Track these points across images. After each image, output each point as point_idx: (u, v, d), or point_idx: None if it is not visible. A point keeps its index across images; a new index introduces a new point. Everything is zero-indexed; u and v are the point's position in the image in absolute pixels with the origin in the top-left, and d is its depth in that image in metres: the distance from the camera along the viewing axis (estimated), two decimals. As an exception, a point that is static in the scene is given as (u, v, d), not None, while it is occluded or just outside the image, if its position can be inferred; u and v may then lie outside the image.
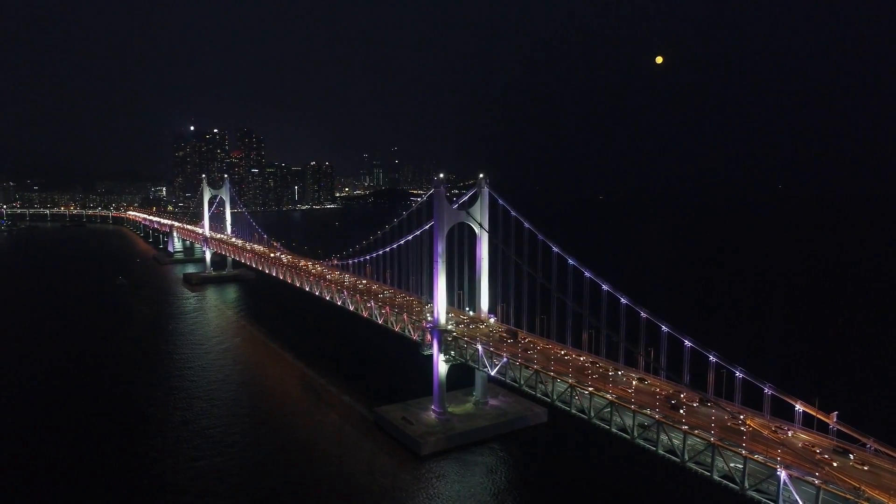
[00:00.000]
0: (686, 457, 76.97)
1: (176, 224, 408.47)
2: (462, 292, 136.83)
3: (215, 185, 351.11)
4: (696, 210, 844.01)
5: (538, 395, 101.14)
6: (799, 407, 74.37)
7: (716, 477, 73.55)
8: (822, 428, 74.09)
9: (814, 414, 73.14)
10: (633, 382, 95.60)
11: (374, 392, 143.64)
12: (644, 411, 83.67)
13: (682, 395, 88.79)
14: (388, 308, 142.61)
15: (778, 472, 66.37)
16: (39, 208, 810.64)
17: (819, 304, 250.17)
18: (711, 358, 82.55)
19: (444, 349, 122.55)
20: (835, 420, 71.81)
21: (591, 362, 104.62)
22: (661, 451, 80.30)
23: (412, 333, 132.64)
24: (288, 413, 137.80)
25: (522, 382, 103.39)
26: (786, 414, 77.46)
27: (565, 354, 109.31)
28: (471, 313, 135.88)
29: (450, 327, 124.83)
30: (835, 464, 68.11)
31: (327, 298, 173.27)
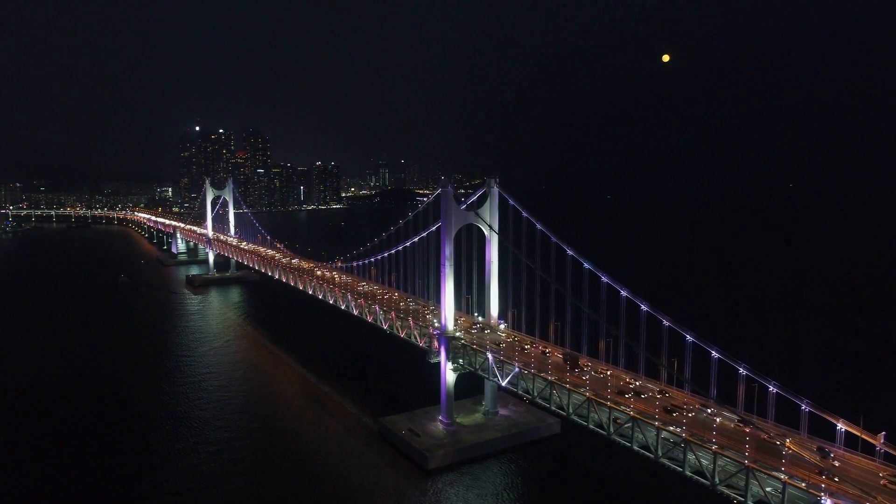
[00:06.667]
0: (716, 479, 70.76)
1: (179, 225, 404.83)
2: (470, 297, 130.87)
3: (220, 185, 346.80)
4: (705, 210, 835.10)
5: (553, 407, 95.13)
6: (841, 426, 67.90)
7: (750, 503, 67.32)
8: (868, 450, 67.67)
9: (858, 434, 66.75)
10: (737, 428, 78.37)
11: (379, 401, 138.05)
12: (669, 428, 77.61)
13: (822, 451, 70.17)
14: (393, 313, 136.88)
15: (822, 501, 60.18)
16: (45, 209, 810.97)
17: (860, 311, 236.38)
18: (741, 370, 76.27)
19: (451, 357, 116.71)
20: (882, 441, 65.45)
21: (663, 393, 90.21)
22: (688, 473, 74.14)
23: (419, 340, 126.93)
24: (290, 422, 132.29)
25: (536, 394, 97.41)
26: (827, 433, 70.99)
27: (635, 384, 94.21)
28: (480, 319, 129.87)
29: (458, 334, 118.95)
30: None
31: (331, 302, 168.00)
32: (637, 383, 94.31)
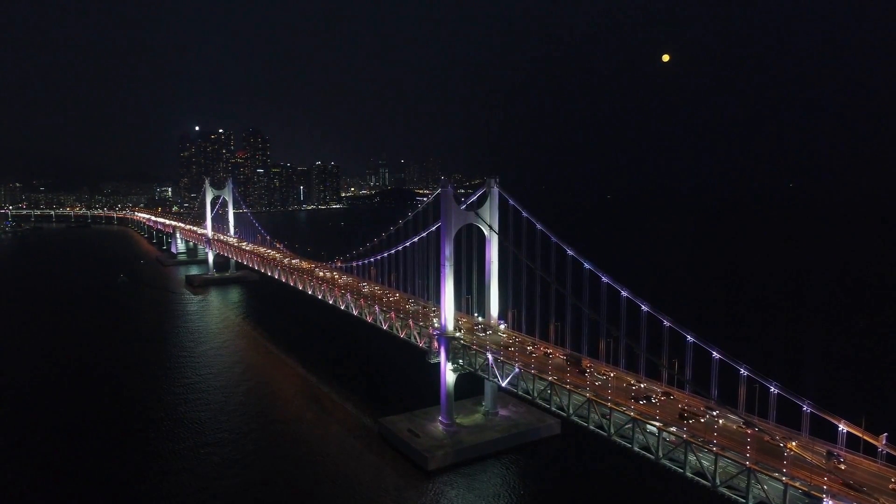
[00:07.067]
0: (718, 481, 70.49)
1: (179, 225, 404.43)
2: (470, 297, 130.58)
3: (219, 185, 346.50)
4: (705, 210, 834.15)
5: (553, 408, 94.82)
6: (843, 427, 67.54)
7: (751, 504, 67.07)
8: (870, 451, 67.35)
9: (860, 435, 66.41)
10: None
11: (378, 401, 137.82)
12: (669, 429, 77.34)
13: (829, 454, 68.69)
14: (393, 313, 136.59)
15: (825, 502, 59.90)
16: (45, 209, 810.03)
17: (860, 311, 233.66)
18: (742, 371, 75.97)
19: (451, 357, 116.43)
20: (884, 442, 65.11)
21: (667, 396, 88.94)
22: (689, 474, 73.84)
23: (418, 340, 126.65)
24: (289, 422, 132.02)
25: (536, 395, 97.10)
26: (828, 434, 70.66)
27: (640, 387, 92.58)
28: (480, 319, 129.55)
29: (458, 334, 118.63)
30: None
31: (331, 302, 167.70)
32: (642, 385, 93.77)
